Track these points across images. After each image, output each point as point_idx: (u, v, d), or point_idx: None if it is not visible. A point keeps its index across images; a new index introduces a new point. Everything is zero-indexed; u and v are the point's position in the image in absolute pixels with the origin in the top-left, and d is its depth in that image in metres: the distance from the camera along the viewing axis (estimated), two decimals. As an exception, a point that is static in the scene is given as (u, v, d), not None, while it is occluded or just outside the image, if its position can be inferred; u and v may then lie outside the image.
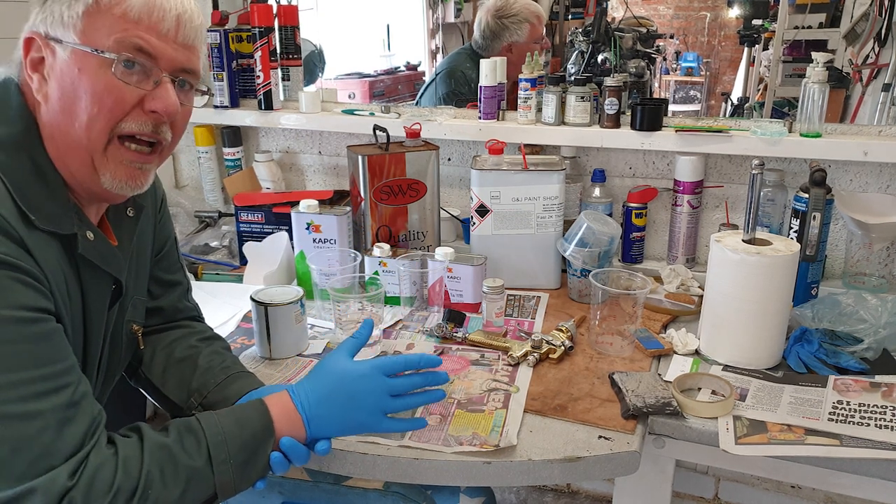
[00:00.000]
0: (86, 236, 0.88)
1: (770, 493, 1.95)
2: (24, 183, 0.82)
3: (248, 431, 0.89)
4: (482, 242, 1.56)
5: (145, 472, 0.79)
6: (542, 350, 1.26)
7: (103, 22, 0.82)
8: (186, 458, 0.83)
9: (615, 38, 2.16)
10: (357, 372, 0.96)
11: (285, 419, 0.92)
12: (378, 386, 0.95)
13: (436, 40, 2.57)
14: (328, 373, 0.97)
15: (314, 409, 0.93)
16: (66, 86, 0.83)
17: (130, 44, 0.83)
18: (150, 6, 0.84)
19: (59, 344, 0.82)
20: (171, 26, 0.85)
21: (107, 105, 0.84)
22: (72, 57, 0.82)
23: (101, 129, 0.85)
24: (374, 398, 0.94)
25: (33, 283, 0.79)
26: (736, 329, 1.23)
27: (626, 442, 1.03)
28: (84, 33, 0.82)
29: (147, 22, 0.84)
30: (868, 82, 1.84)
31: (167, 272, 1.15)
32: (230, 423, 0.89)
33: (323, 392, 0.95)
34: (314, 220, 1.58)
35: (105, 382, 1.04)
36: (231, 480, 0.86)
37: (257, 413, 0.92)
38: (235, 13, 1.95)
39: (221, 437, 0.87)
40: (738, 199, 1.64)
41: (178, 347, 1.11)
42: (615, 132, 1.63)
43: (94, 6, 0.82)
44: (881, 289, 1.51)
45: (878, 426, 1.03)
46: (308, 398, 0.94)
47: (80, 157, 0.86)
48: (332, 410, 0.94)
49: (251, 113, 1.93)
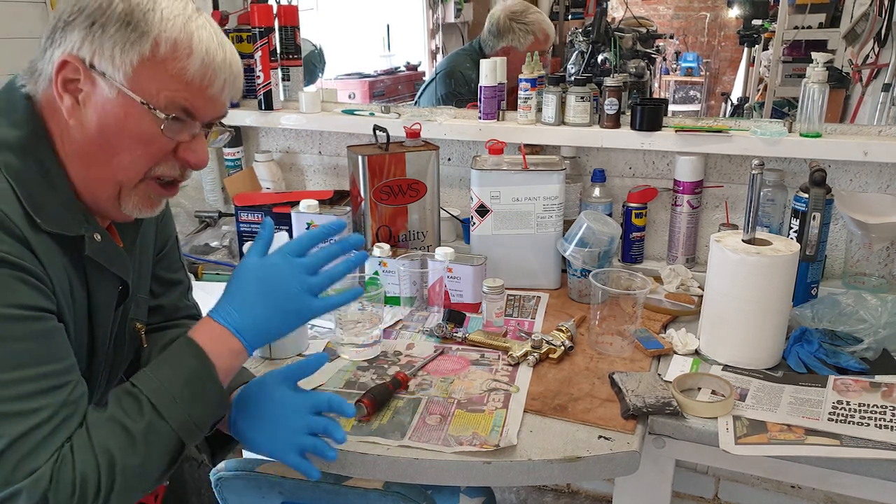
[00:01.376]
0: (93, 238, 0.89)
1: (770, 493, 1.95)
2: (32, 185, 0.82)
3: (181, 368, 0.87)
4: (482, 242, 1.56)
5: (98, 450, 0.78)
6: (542, 350, 1.26)
7: (156, 75, 0.83)
8: (131, 420, 0.81)
9: (615, 38, 2.16)
10: (266, 262, 0.92)
11: (216, 341, 0.89)
12: (292, 268, 0.91)
13: (436, 40, 2.57)
14: (237, 277, 0.93)
15: (239, 318, 0.90)
16: (109, 123, 0.84)
17: (179, 105, 0.85)
18: (204, 71, 0.85)
19: (59, 343, 0.82)
20: (219, 89, 0.88)
21: (149, 152, 0.87)
22: (118, 99, 0.83)
23: (139, 171, 0.88)
24: (293, 281, 0.91)
25: (35, 282, 0.79)
26: (736, 329, 1.23)
27: (626, 442, 1.03)
28: (134, 80, 0.83)
29: (199, 85, 0.85)
30: (868, 82, 1.84)
31: (168, 271, 1.15)
32: (160, 368, 0.87)
33: (240, 297, 0.91)
34: (314, 220, 1.58)
35: (109, 381, 1.04)
36: (188, 419, 0.85)
37: (184, 347, 0.89)
38: (235, 13, 1.95)
39: (157, 384, 0.85)
40: (738, 199, 1.64)
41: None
42: (615, 132, 1.63)
43: (150, 58, 0.82)
44: (881, 289, 1.51)
45: (878, 426, 1.03)
46: (228, 310, 0.91)
47: (109, 187, 0.88)
48: (256, 311, 0.90)
49: (251, 113, 1.93)
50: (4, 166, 0.81)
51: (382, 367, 1.24)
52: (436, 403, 1.12)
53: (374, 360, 1.27)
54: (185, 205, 1.95)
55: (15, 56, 0.88)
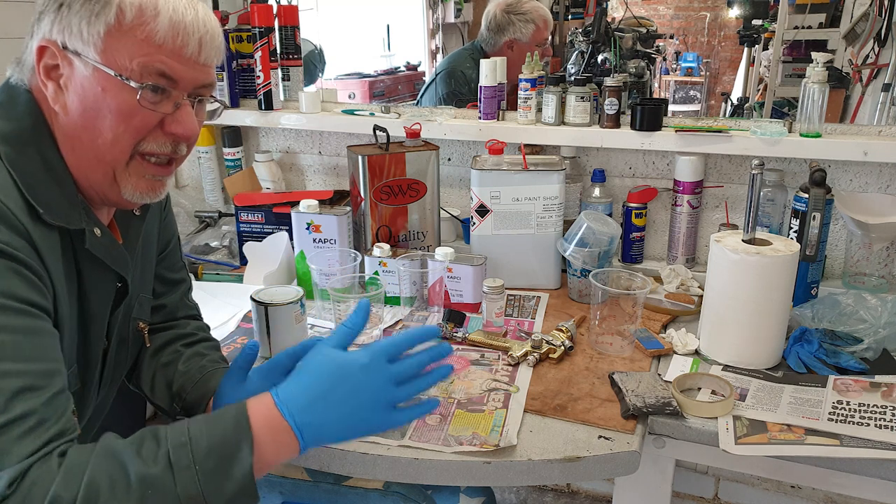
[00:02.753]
0: (93, 232, 0.88)
1: (770, 493, 1.95)
2: (33, 177, 0.81)
3: (217, 432, 0.76)
4: (482, 242, 1.56)
5: (87, 481, 0.69)
6: (542, 350, 1.26)
7: (125, 43, 0.81)
8: (140, 464, 0.72)
9: (615, 38, 2.16)
10: (356, 363, 0.82)
11: (268, 429, 0.78)
12: (382, 376, 0.82)
13: (436, 40, 2.57)
14: (319, 369, 0.83)
15: (305, 414, 0.79)
16: (89, 103, 0.82)
17: (154, 69, 0.82)
18: (175, 30, 0.82)
19: (46, 345, 0.77)
20: (195, 49, 0.84)
21: (131, 126, 0.84)
22: (94, 75, 0.81)
23: (125, 148, 0.85)
24: (380, 391, 0.82)
25: (30, 276, 0.77)
26: (736, 329, 1.23)
27: (625, 442, 1.03)
28: (105, 52, 0.81)
29: (171, 46, 0.83)
30: (868, 82, 1.84)
31: (170, 271, 1.15)
32: (198, 424, 0.77)
33: (315, 393, 0.81)
34: (314, 220, 1.58)
35: (113, 380, 1.04)
36: (199, 492, 0.73)
37: (232, 413, 0.79)
38: (235, 13, 1.95)
39: (184, 439, 0.75)
40: (737, 199, 1.64)
41: (164, 354, 1.10)
42: (615, 132, 1.63)
43: (117, 26, 0.80)
44: (881, 289, 1.51)
45: (877, 426, 1.03)
46: (297, 402, 0.80)
47: (103, 170, 0.86)
48: (328, 414, 0.80)
49: (251, 113, 1.93)
50: (6, 158, 0.80)
51: (382, 367, 1.24)
52: (436, 403, 1.12)
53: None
54: (185, 205, 1.95)
55: (15, 56, 0.88)
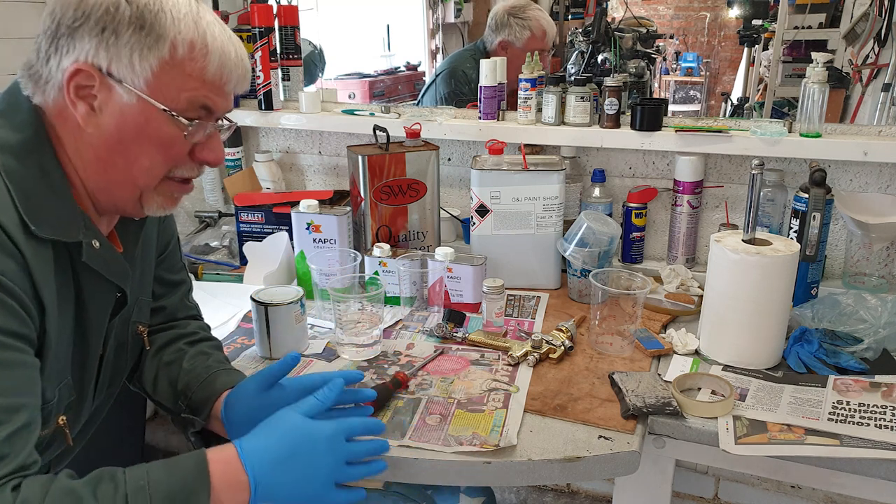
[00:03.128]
0: (91, 244, 0.87)
1: (770, 493, 1.95)
2: (31, 189, 0.80)
3: (176, 479, 0.77)
4: (482, 242, 1.56)
5: None
6: (542, 350, 1.26)
7: (175, 77, 0.82)
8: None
9: (615, 38, 2.16)
10: (322, 434, 0.86)
11: (226, 483, 0.79)
12: (340, 453, 0.86)
13: (436, 40, 2.56)
14: (287, 433, 0.85)
15: (266, 474, 0.81)
16: (129, 130, 0.83)
17: (199, 104, 0.85)
18: (222, 68, 0.85)
19: (18, 376, 0.75)
20: (234, 85, 0.88)
21: (170, 155, 0.87)
22: (138, 104, 0.82)
23: (158, 174, 0.88)
24: (333, 468, 0.85)
25: (13, 305, 0.75)
26: (736, 329, 1.23)
27: (626, 442, 1.03)
28: (153, 85, 0.82)
29: (218, 83, 0.85)
30: (868, 82, 1.84)
31: (170, 272, 1.15)
32: (157, 469, 0.77)
33: (278, 455, 0.83)
34: (314, 220, 1.58)
35: (111, 385, 1.03)
36: None
37: (193, 461, 0.79)
38: (235, 13, 1.95)
39: (143, 483, 0.75)
40: (737, 199, 1.64)
41: (167, 352, 1.10)
42: (615, 132, 1.63)
43: (169, 61, 0.81)
44: (881, 289, 1.51)
45: (878, 426, 1.03)
46: (261, 459, 0.82)
47: (130, 191, 0.88)
48: (285, 478, 0.82)
49: (251, 113, 1.93)
50: (3, 169, 0.79)
51: (382, 367, 1.24)
52: (436, 403, 1.12)
53: (373, 359, 1.27)
54: (185, 205, 1.95)
55: (15, 56, 0.87)
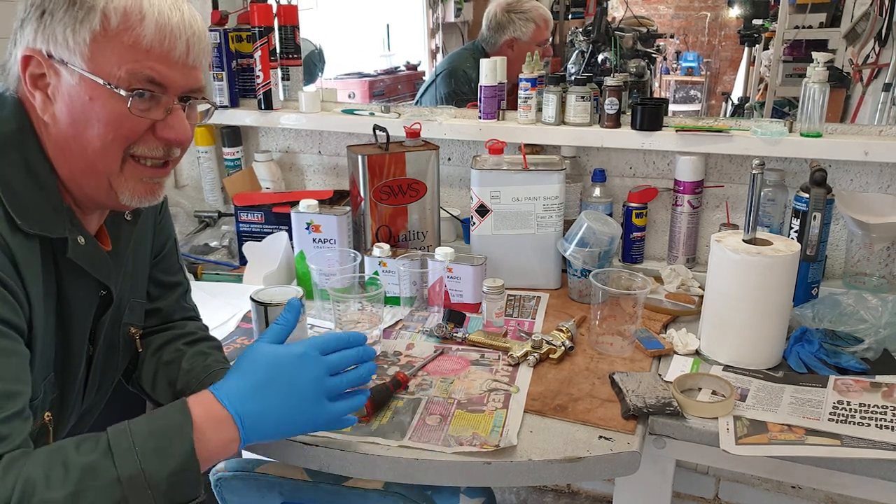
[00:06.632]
0: (76, 241, 0.86)
1: (770, 494, 1.95)
2: (15, 183, 0.80)
3: (157, 420, 0.78)
4: (482, 242, 1.56)
5: (24, 478, 0.69)
6: (542, 350, 1.26)
7: (112, 49, 0.80)
8: (78, 456, 0.72)
9: (615, 37, 2.16)
10: (291, 353, 0.84)
11: (208, 419, 0.79)
12: (317, 366, 0.84)
13: (436, 40, 2.56)
14: (256, 362, 0.84)
15: (246, 404, 0.81)
16: (77, 112, 0.81)
17: (143, 75, 0.81)
18: (162, 34, 0.81)
19: (12, 364, 0.75)
20: (182, 52, 0.83)
21: (120, 134, 0.83)
22: (81, 84, 0.80)
23: (115, 155, 0.84)
24: (316, 381, 0.84)
25: (7, 295, 0.75)
26: (736, 329, 1.23)
27: (626, 442, 1.03)
28: (92, 60, 0.80)
29: (159, 50, 0.81)
30: (868, 82, 1.84)
31: (166, 274, 1.14)
32: (139, 419, 0.78)
33: (253, 382, 0.82)
34: (314, 220, 1.58)
35: (101, 385, 1.03)
36: (139, 470, 0.72)
37: (172, 405, 0.80)
38: (235, 13, 1.94)
39: (124, 427, 0.76)
40: (738, 199, 1.64)
41: (166, 352, 1.09)
42: (615, 132, 1.63)
43: (102, 32, 0.79)
44: (881, 289, 1.51)
45: (878, 426, 1.03)
46: (238, 392, 0.81)
47: (96, 179, 0.85)
48: (268, 402, 0.81)
49: (251, 113, 1.93)
50: None
51: (382, 367, 1.24)
52: (436, 403, 1.12)
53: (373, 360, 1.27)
54: (185, 205, 1.95)
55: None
